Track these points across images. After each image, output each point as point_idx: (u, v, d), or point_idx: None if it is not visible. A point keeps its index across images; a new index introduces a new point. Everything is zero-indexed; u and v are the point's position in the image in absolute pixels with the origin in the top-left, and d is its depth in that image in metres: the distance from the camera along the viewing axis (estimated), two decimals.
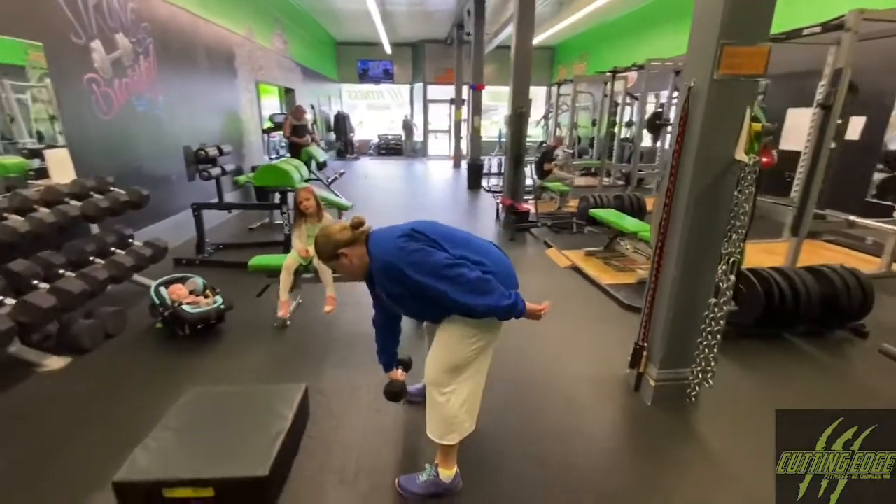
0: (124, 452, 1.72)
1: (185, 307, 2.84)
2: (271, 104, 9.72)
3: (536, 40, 12.20)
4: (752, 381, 2.58)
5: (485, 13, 9.00)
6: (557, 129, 11.06)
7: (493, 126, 14.22)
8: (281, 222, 4.37)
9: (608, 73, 7.93)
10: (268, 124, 8.89)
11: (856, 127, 5.25)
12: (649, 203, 5.73)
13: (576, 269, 4.37)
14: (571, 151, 9.85)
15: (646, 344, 2.36)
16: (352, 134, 14.66)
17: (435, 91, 14.92)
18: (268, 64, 7.97)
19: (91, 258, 3.00)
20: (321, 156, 6.94)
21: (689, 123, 2.00)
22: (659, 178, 7.47)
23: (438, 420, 1.64)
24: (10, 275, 2.47)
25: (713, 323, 2.12)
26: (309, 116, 11.10)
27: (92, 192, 3.14)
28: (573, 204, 6.56)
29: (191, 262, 4.25)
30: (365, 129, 16.13)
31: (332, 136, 14.04)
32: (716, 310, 2.10)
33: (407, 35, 13.80)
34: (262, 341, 2.95)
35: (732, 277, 2.06)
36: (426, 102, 15.21)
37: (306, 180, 5.41)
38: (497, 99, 15.15)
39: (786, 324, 3.00)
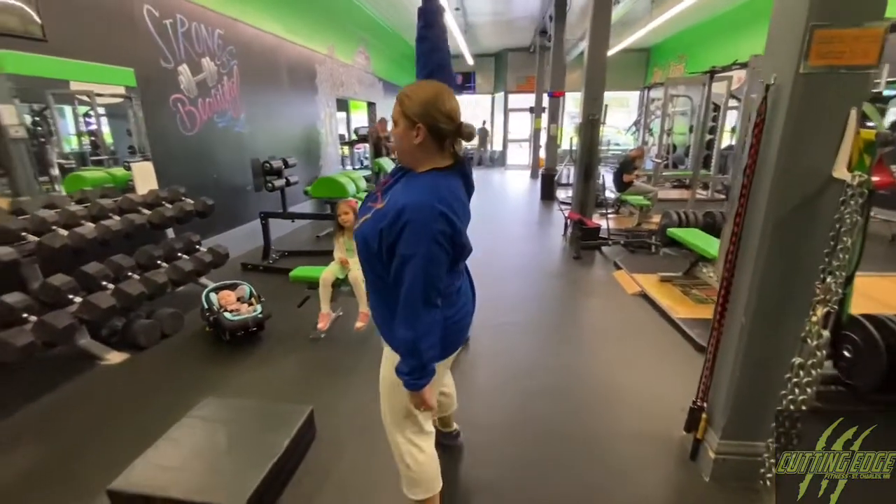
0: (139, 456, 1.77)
1: (226, 314, 2.96)
2: (360, 118, 10.23)
3: (629, 42, 11.37)
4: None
5: (565, 17, 8.56)
6: (649, 137, 10.15)
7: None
8: None
9: (705, 74, 7.04)
10: (353, 137, 9.35)
11: None
12: None
13: (645, 296, 3.84)
14: (663, 161, 8.95)
15: (705, 405, 1.90)
16: None
17: (516, 100, 14.65)
18: (349, 80, 8.37)
19: (158, 262, 3.27)
20: (389, 167, 7.06)
21: (768, 131, 1.56)
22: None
23: (403, 473, 1.47)
24: (83, 276, 2.75)
25: (798, 390, 1.63)
26: (390, 128, 11.53)
27: (164, 202, 3.43)
28: (655, 220, 5.88)
29: (255, 267, 4.51)
30: None
31: None
32: (801, 373, 1.61)
33: (489, 45, 13.73)
34: (295, 353, 2.96)
35: (826, 333, 1.55)
36: (506, 112, 14.98)
37: (366, 192, 5.50)
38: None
39: None
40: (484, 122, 15.33)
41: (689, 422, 1.96)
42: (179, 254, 3.47)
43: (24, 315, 2.41)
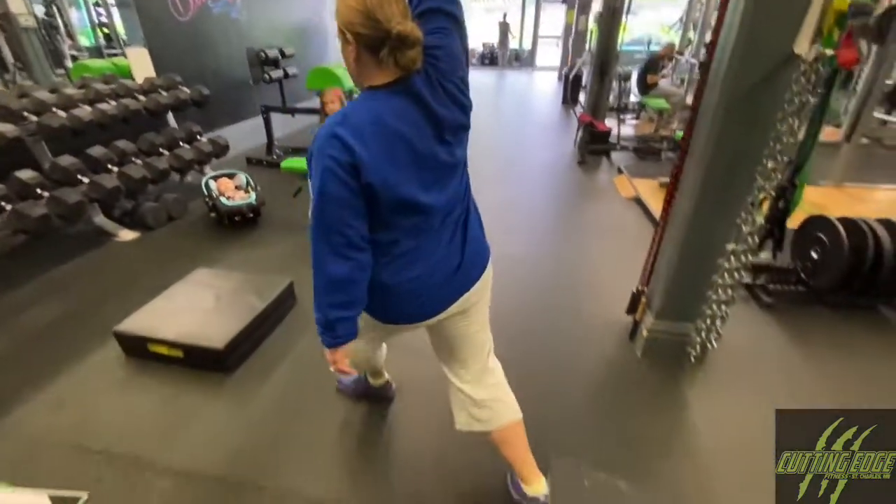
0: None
1: (222, 199, 3.15)
2: None
3: None
4: (793, 354, 2.08)
5: None
6: (693, 33, 9.10)
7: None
8: None
9: None
10: None
11: None
12: None
13: (638, 200, 3.80)
14: (700, 60, 8.12)
15: (645, 289, 2.01)
16: None
17: None
18: None
19: (160, 149, 3.43)
20: None
21: (733, 3, 1.44)
22: None
23: None
24: (89, 158, 2.94)
25: (728, 275, 1.70)
26: None
27: (160, 89, 3.48)
28: (675, 126, 5.55)
29: (259, 161, 4.64)
30: (471, 37, 15.11)
31: None
32: (733, 259, 1.66)
33: None
34: (286, 237, 3.18)
35: (760, 219, 1.57)
36: (538, 3, 13.51)
37: None
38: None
39: (881, 293, 2.30)
40: (505, 16, 13.86)
41: (631, 304, 2.09)
42: (181, 143, 3.60)
43: (38, 191, 2.65)
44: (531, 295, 2.54)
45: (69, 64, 5.81)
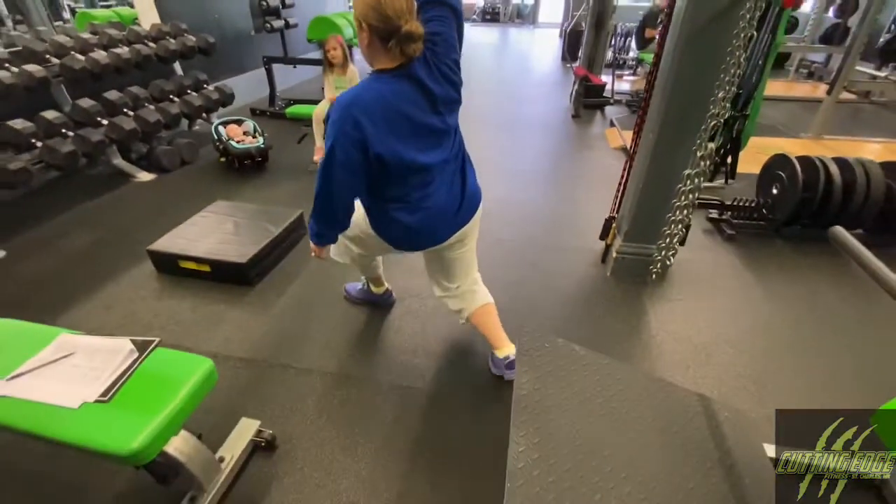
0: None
1: (232, 143, 3.36)
2: None
3: None
4: (744, 275, 2.37)
5: None
6: None
7: None
8: None
9: None
10: None
11: None
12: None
13: (625, 149, 4.00)
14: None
15: (616, 216, 2.27)
16: None
17: None
18: None
19: (170, 96, 3.60)
20: None
21: None
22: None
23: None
24: (106, 102, 3.13)
25: (683, 197, 1.95)
26: None
27: (167, 36, 3.62)
28: None
29: (263, 112, 4.79)
30: None
31: None
32: (688, 182, 1.91)
33: None
34: (293, 179, 3.41)
35: (711, 145, 1.81)
36: None
37: None
38: None
39: (827, 224, 2.55)
40: None
41: (603, 231, 2.36)
42: (189, 90, 3.77)
43: (63, 130, 2.86)
44: (518, 230, 2.80)
45: (66, 15, 5.84)
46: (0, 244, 2.52)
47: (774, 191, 2.64)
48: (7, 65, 2.69)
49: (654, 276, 2.21)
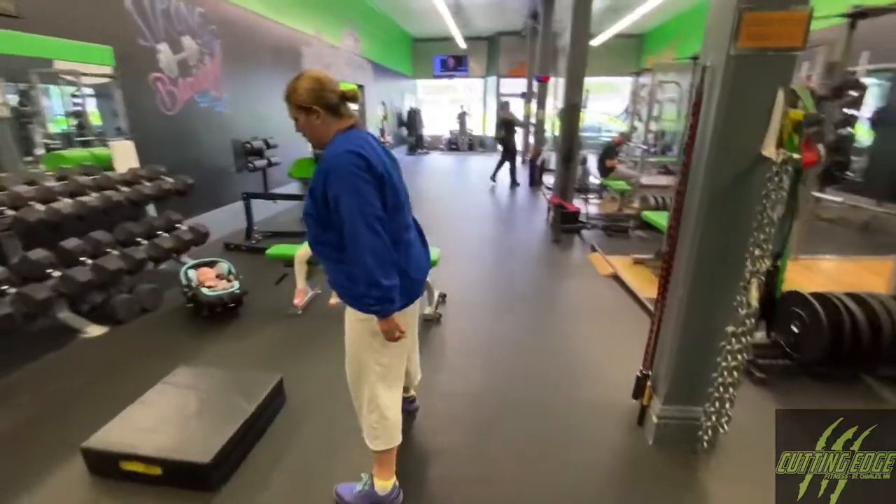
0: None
1: (203, 289, 3.04)
2: None
3: (620, 27, 11.31)
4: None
5: (554, 2, 8.51)
6: (638, 123, 10.17)
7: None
8: None
9: (691, 59, 7.05)
10: None
11: None
12: None
13: (616, 277, 3.95)
14: (648, 147, 8.99)
15: (650, 373, 2.02)
16: (423, 129, 14.84)
17: (509, 84, 14.57)
18: (336, 62, 8.32)
19: (137, 239, 3.33)
20: None
21: (705, 111, 1.64)
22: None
23: (365, 423, 1.58)
24: (62, 251, 2.80)
25: (731, 357, 1.74)
26: (379, 112, 11.49)
27: (142, 180, 3.47)
28: (636, 205, 5.97)
29: (238, 247, 4.57)
30: (437, 125, 16.26)
31: (404, 131, 14.34)
32: (733, 341, 1.71)
33: (482, 28, 13.61)
34: (270, 327, 3.05)
35: (754, 303, 1.66)
36: (499, 96, 14.92)
37: None
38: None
39: (864, 363, 2.41)
40: (462, 107, 15.10)
41: (636, 389, 2.08)
42: (159, 231, 3.52)
43: (4, 287, 2.47)
44: (523, 380, 2.49)
45: (39, 152, 5.77)
46: None
47: (794, 329, 2.51)
48: None
49: (705, 444, 1.89)
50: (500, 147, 9.02)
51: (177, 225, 3.71)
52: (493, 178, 9.00)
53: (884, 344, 2.28)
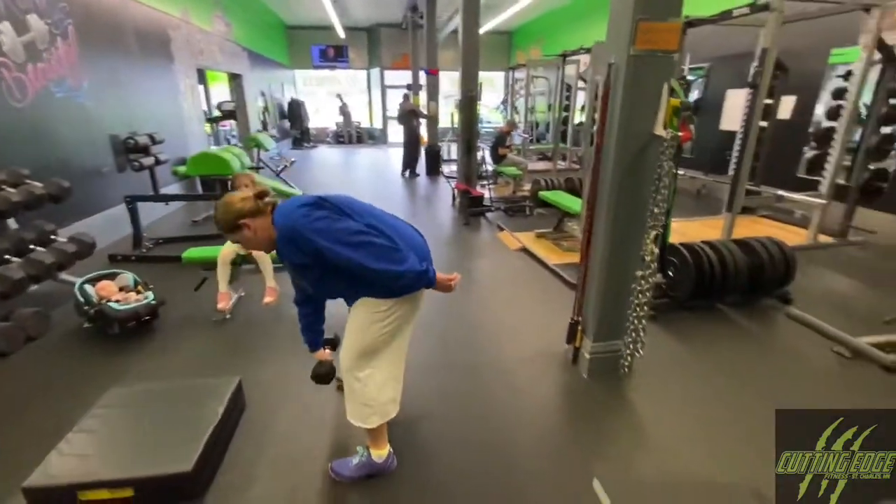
0: (41, 459, 1.62)
1: (111, 304, 2.69)
2: (222, 92, 9.30)
3: (492, 25, 12.16)
4: (683, 351, 2.70)
5: None
6: (515, 115, 11.14)
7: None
8: None
9: (559, 57, 7.99)
10: (216, 113, 8.51)
11: (787, 106, 5.54)
12: None
13: (525, 250, 4.44)
14: (528, 136, 9.95)
15: (580, 318, 2.43)
16: (308, 122, 14.20)
17: (393, 77, 14.65)
18: (209, 48, 7.57)
19: (6, 257, 2.79)
20: (269, 143, 6.70)
21: (611, 100, 2.04)
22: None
23: (357, 405, 1.64)
24: None
25: (640, 295, 2.20)
26: (260, 103, 10.72)
27: (3, 186, 2.90)
28: (527, 188, 6.64)
29: (127, 258, 4.03)
30: (322, 117, 15.68)
31: (287, 124, 13.56)
32: (642, 282, 2.17)
33: (361, 18, 13.43)
34: (200, 336, 2.84)
35: (656, 250, 2.13)
36: (384, 88, 14.93)
37: (254, 169, 5.20)
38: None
39: (717, 295, 3.15)
40: (340, 97, 14.73)
41: (570, 335, 2.47)
42: (32, 246, 2.98)
43: None
44: (467, 345, 2.77)
45: None
46: None
47: (671, 273, 3.17)
48: None
49: (626, 369, 2.35)
50: (402, 139, 9.05)
51: (52, 237, 3.17)
52: (405, 170, 9.05)
53: (729, 279, 3.03)
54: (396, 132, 15.52)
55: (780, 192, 4.71)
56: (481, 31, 12.40)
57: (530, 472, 1.82)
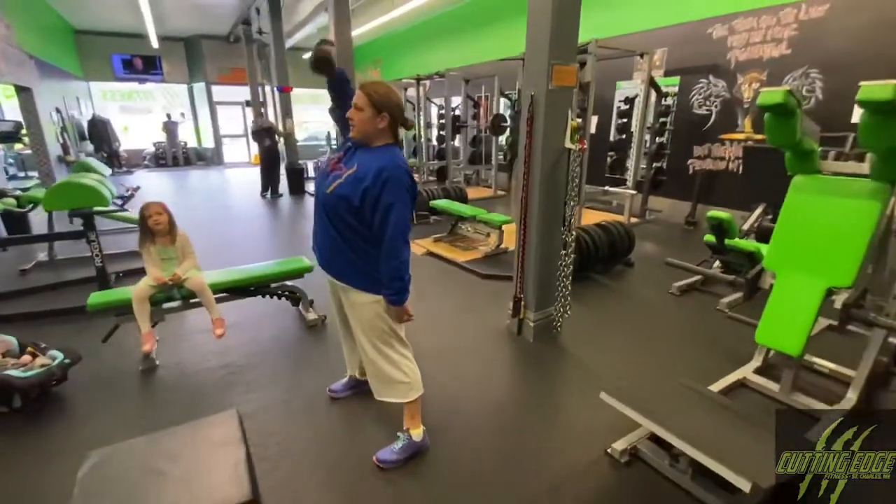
0: None
1: (10, 373, 2.18)
2: (13, 110, 7.29)
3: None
4: (584, 308, 3.53)
5: (281, 11, 8.66)
6: None
7: (304, 129, 13.80)
8: (91, 254, 3.52)
9: (413, 80, 8.71)
10: None
11: (594, 123, 7.27)
12: (471, 192, 6.75)
13: (432, 254, 4.90)
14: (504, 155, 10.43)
15: (522, 295, 3.00)
16: (117, 143, 11.98)
17: (224, 92, 13.45)
18: None
19: None
20: (104, 170, 5.68)
21: (535, 123, 2.67)
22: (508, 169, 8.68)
23: (395, 387, 1.88)
24: None
25: (564, 269, 2.88)
26: (55, 122, 8.77)
27: None
28: None
29: None
30: (133, 138, 13.41)
31: (89, 146, 11.22)
32: (566, 259, 2.86)
33: (177, 28, 12.02)
34: (128, 392, 2.48)
35: (574, 233, 2.84)
36: (212, 105, 13.57)
37: None
38: (299, 102, 14.61)
39: (592, 265, 4.14)
40: (169, 116, 13.18)
41: (514, 309, 3.03)
42: None
43: None
44: (422, 341, 3.11)
45: None
46: None
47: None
48: None
49: (558, 329, 3.02)
50: (259, 157, 8.50)
51: None
52: (265, 191, 8.51)
53: (600, 253, 4.03)
54: (233, 152, 14.31)
55: (607, 188, 6.21)
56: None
57: (528, 415, 2.28)
